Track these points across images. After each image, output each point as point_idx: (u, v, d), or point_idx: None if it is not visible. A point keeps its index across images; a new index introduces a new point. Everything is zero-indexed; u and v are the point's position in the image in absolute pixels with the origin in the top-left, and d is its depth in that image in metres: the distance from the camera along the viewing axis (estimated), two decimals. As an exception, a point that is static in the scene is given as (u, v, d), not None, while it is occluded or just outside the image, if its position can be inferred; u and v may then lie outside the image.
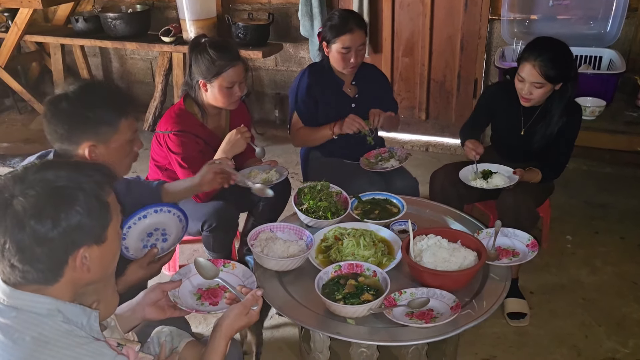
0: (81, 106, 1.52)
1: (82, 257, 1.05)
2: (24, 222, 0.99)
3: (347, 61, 2.45)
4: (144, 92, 4.82)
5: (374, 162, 2.57)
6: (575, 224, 3.00)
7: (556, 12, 3.38)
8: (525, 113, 2.37)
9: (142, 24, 4.09)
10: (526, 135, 2.39)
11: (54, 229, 1.00)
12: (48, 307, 1.04)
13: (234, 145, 2.18)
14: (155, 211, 1.81)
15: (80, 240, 1.04)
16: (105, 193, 1.09)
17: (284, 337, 2.23)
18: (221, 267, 1.67)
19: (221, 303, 1.59)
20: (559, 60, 2.18)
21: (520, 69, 2.23)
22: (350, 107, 2.58)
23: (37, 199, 1.00)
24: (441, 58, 3.83)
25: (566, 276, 2.59)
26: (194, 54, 2.19)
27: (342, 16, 2.45)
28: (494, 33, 3.63)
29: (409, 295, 1.69)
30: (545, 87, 2.20)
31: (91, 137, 1.54)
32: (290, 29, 4.10)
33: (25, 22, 4.14)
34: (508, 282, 1.79)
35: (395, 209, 2.18)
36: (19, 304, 1.03)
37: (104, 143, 1.56)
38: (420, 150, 4.00)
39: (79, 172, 1.07)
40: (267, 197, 2.09)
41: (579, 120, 2.34)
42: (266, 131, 4.34)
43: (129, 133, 1.62)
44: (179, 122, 2.22)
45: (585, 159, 3.54)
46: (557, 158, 2.35)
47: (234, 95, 2.23)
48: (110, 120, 1.56)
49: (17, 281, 1.04)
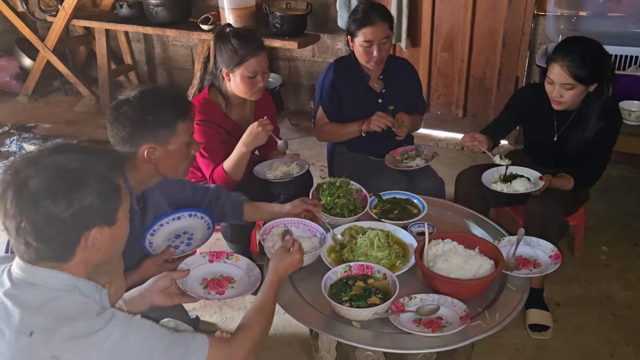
0: (142, 110, 1.58)
1: (94, 238, 1.11)
2: (39, 202, 1.05)
3: (370, 55, 2.39)
4: (184, 78, 4.89)
5: (399, 160, 2.51)
6: (613, 235, 2.84)
7: (607, 8, 3.20)
8: (559, 117, 2.24)
9: (183, 11, 4.14)
10: (559, 141, 2.26)
11: (67, 209, 1.06)
12: (65, 282, 1.10)
13: (255, 138, 2.17)
14: (190, 215, 1.85)
15: (92, 221, 1.10)
16: (115, 176, 1.15)
17: (295, 333, 2.21)
18: (224, 259, 1.69)
19: (227, 292, 1.61)
20: (590, 59, 2.05)
21: (549, 71, 2.11)
22: (377, 102, 2.53)
23: (51, 180, 1.06)
24: (481, 54, 3.70)
25: (596, 289, 2.46)
26: (218, 44, 2.20)
27: (365, 8, 2.40)
28: (538, 29, 3.47)
29: (418, 301, 1.64)
30: (576, 88, 2.08)
31: (151, 140, 1.60)
32: (328, 20, 4.05)
33: (73, 6, 4.26)
34: (525, 294, 1.71)
35: (415, 209, 2.13)
36: (36, 279, 1.09)
37: (163, 145, 1.62)
38: (455, 149, 3.88)
39: (91, 155, 1.13)
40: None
41: (618, 125, 2.20)
42: (300, 122, 4.32)
43: (186, 136, 1.67)
44: (203, 111, 2.23)
45: (630, 166, 3.35)
46: (591, 165, 2.21)
47: (257, 85, 2.22)
48: (168, 123, 1.61)
49: (32, 258, 1.10)
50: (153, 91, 1.66)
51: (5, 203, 1.07)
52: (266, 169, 2.35)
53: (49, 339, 1.03)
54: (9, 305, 1.07)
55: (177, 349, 1.16)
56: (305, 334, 2.17)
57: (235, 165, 2.20)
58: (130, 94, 1.62)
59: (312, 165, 2.54)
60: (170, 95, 1.69)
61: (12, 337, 1.04)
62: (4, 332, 1.05)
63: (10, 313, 1.06)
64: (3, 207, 1.07)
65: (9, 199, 1.06)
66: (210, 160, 2.23)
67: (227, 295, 1.61)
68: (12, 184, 1.07)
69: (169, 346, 1.14)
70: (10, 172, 1.09)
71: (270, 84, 3.90)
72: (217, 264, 1.69)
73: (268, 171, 2.34)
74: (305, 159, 2.46)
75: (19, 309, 1.06)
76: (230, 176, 2.21)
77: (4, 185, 1.08)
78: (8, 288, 1.10)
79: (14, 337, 1.04)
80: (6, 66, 4.89)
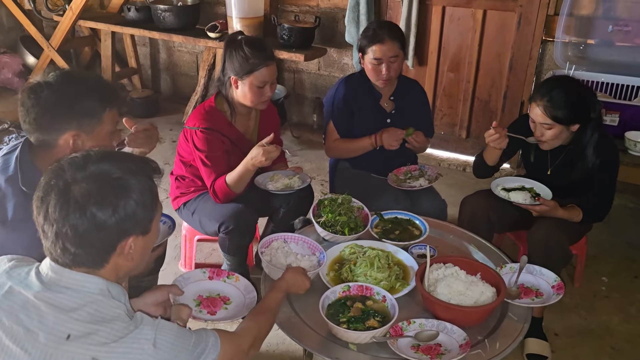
0: (65, 96, 1.50)
1: (129, 246, 1.13)
2: (86, 208, 1.06)
3: (379, 72, 2.37)
4: (187, 84, 4.87)
5: (402, 180, 2.48)
6: (613, 265, 2.81)
7: (616, 37, 3.18)
8: (552, 152, 2.24)
9: (190, 17, 4.13)
10: (553, 175, 2.25)
11: (112, 216, 1.08)
12: (100, 286, 1.11)
13: (259, 163, 2.09)
14: None
15: (132, 229, 1.12)
16: (154, 185, 1.17)
17: (289, 351, 2.16)
18: (224, 278, 1.66)
19: (219, 313, 1.57)
20: (569, 100, 2.04)
21: (530, 110, 2.13)
22: (385, 122, 2.51)
23: (98, 187, 1.07)
24: (488, 76, 3.68)
25: (596, 321, 2.42)
26: (229, 50, 2.17)
27: (376, 26, 2.40)
28: (546, 55, 3.46)
29: (417, 326, 1.60)
30: (555, 128, 2.08)
31: (74, 128, 1.52)
32: (336, 34, 4.04)
33: (80, 7, 4.25)
34: (527, 324, 1.67)
35: (417, 231, 2.09)
36: (71, 283, 1.10)
37: (87, 134, 1.55)
38: (457, 170, 3.86)
39: (134, 164, 1.15)
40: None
41: (614, 162, 2.17)
42: (302, 135, 4.29)
43: (111, 125, 1.60)
44: (208, 119, 2.20)
45: (633, 196, 3.33)
46: (597, 199, 2.18)
47: (264, 95, 2.19)
48: (94, 111, 1.54)
49: (66, 263, 1.10)
50: (77, 76, 1.59)
51: (47, 207, 1.07)
52: (268, 180, 2.31)
53: (87, 341, 1.04)
54: (42, 307, 1.07)
55: (199, 346, 1.19)
56: (299, 352, 2.12)
57: (238, 180, 2.16)
58: (49, 77, 1.53)
59: (312, 179, 2.50)
60: (96, 81, 1.60)
61: (47, 340, 1.04)
62: (38, 335, 1.05)
63: (44, 316, 1.06)
64: (44, 211, 1.07)
65: (52, 203, 1.06)
66: (212, 169, 2.20)
67: (217, 317, 1.57)
68: (55, 189, 1.07)
69: (195, 344, 1.17)
70: (55, 176, 1.09)
71: (274, 95, 3.88)
72: (216, 282, 1.66)
73: (269, 182, 2.30)
74: (305, 172, 2.43)
75: (53, 312, 1.06)
76: (231, 189, 2.18)
77: (46, 189, 1.08)
78: (39, 290, 1.09)
79: (49, 340, 1.04)
80: (9, 63, 4.87)
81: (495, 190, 2.18)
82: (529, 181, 2.25)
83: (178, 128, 4.38)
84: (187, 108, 4.48)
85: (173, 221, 1.83)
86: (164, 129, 4.38)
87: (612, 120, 2.87)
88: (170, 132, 4.34)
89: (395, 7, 3.76)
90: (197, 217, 2.29)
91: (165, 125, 4.45)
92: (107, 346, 1.04)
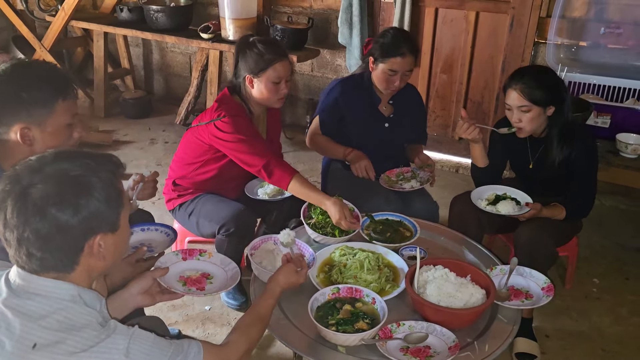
0: (13, 85, 1.45)
1: (98, 245, 1.09)
2: (45, 210, 1.02)
3: (391, 83, 2.37)
4: (180, 85, 4.86)
5: (394, 181, 2.47)
6: (604, 267, 2.81)
7: (608, 40, 3.19)
8: (532, 146, 2.29)
9: (183, 18, 4.11)
10: (535, 168, 2.30)
11: (75, 216, 1.04)
12: (71, 292, 1.08)
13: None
14: (142, 230, 1.81)
15: (98, 227, 1.08)
16: (118, 181, 1.13)
17: (279, 353, 2.15)
18: (197, 256, 1.67)
19: (208, 287, 1.58)
20: (543, 80, 2.12)
21: (506, 97, 2.17)
22: (383, 126, 2.51)
23: (57, 187, 1.03)
24: (480, 78, 3.69)
25: (587, 323, 2.43)
26: (242, 51, 2.16)
27: (395, 36, 2.35)
28: (538, 57, 3.47)
29: (407, 328, 1.60)
30: (533, 110, 2.12)
31: (24, 119, 1.47)
32: (329, 35, 4.04)
33: (73, 7, 4.23)
34: (516, 326, 1.67)
35: (408, 232, 2.09)
36: (40, 289, 1.06)
37: (39, 126, 1.49)
38: (450, 171, 3.86)
39: (94, 160, 1.10)
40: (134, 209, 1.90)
41: (592, 151, 2.21)
42: (295, 136, 4.28)
43: (67, 116, 1.53)
44: (232, 107, 2.15)
45: (624, 198, 3.34)
46: (579, 195, 2.20)
47: (280, 92, 2.19)
48: (45, 101, 1.48)
49: (34, 269, 1.06)
50: (26, 65, 1.54)
51: (4, 214, 1.03)
52: (258, 186, 2.30)
53: (55, 350, 1.01)
54: (9, 315, 1.04)
55: (178, 357, 1.15)
56: (288, 354, 2.11)
57: (298, 193, 2.09)
58: (0, 67, 1.48)
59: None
60: (48, 70, 1.53)
61: (13, 348, 1.01)
62: (4, 343, 1.02)
63: (11, 323, 1.03)
64: (2, 218, 1.04)
65: (9, 209, 1.03)
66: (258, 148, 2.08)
67: (209, 290, 1.57)
68: (12, 194, 1.03)
69: (173, 355, 1.14)
70: (10, 181, 1.05)
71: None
72: (191, 262, 1.66)
73: (260, 189, 2.29)
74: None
75: (20, 319, 1.03)
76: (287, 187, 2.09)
77: (3, 196, 1.04)
78: (7, 297, 1.06)
79: (15, 348, 1.01)
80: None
81: (481, 206, 2.17)
82: (500, 187, 2.26)
83: (171, 129, 4.37)
84: (180, 109, 4.47)
85: (175, 232, 1.84)
86: (156, 130, 4.37)
87: (604, 122, 2.88)
88: (163, 133, 4.32)
89: (388, 9, 3.76)
90: (194, 218, 2.26)
91: (158, 126, 4.44)
92: (76, 355, 1.00)
